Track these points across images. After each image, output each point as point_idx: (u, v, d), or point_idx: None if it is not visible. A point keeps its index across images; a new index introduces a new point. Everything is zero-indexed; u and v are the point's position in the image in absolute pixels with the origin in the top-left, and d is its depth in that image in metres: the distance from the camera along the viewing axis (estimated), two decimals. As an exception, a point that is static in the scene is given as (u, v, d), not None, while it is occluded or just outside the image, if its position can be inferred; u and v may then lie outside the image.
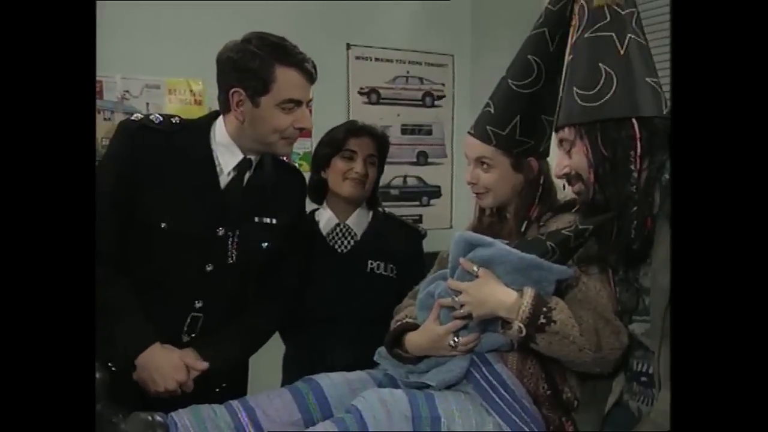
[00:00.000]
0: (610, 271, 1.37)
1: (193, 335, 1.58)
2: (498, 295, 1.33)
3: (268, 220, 1.62)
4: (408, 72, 3.14)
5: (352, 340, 1.71)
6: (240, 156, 1.57)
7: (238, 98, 1.50)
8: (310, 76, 1.53)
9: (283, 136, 1.53)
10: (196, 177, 1.54)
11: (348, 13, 2.93)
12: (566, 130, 1.32)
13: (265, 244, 1.62)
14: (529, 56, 1.49)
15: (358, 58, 3.01)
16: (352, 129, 1.89)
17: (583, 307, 1.33)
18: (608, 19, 1.27)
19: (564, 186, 1.41)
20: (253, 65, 1.47)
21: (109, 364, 1.47)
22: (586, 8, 1.30)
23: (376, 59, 3.06)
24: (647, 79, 1.27)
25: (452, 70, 3.22)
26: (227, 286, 1.59)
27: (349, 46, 2.98)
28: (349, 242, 1.90)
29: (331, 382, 1.46)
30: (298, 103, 1.51)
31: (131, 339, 1.49)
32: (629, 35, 1.27)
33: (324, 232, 1.91)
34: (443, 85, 3.22)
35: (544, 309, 1.29)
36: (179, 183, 1.51)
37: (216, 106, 1.62)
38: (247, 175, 1.59)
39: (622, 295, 1.35)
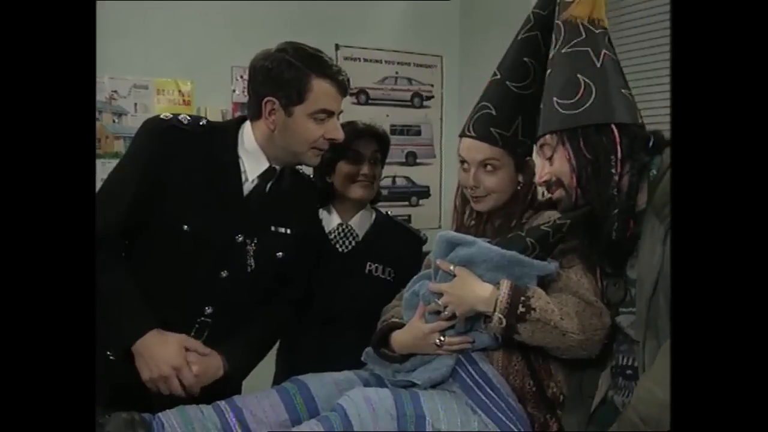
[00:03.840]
0: (598, 267, 1.39)
1: (199, 341, 1.55)
2: (475, 291, 1.34)
3: (283, 230, 1.62)
4: (397, 73, 3.14)
5: (347, 340, 1.70)
6: (266, 164, 1.55)
7: (271, 107, 1.49)
8: (344, 89, 1.52)
9: (313, 147, 1.52)
10: (221, 182, 1.53)
11: (337, 14, 2.93)
12: (548, 137, 1.36)
13: (280, 254, 1.61)
14: (525, 58, 1.52)
15: (346, 58, 3.01)
16: (356, 131, 1.88)
17: (563, 292, 1.35)
18: (584, 36, 1.34)
19: (543, 193, 1.43)
20: (289, 75, 1.46)
21: (108, 353, 1.47)
22: (562, 27, 1.36)
23: (365, 60, 3.07)
24: (623, 91, 1.33)
25: (441, 70, 3.24)
26: (239, 293, 1.57)
27: (337, 46, 2.98)
28: (350, 242, 1.90)
29: (318, 382, 1.46)
30: (330, 114, 1.51)
31: (128, 325, 1.46)
32: (603, 51, 1.33)
33: (326, 230, 1.90)
34: (432, 85, 3.23)
35: (522, 298, 1.30)
36: (204, 187, 1.50)
37: (203, 105, 1.61)
38: (269, 184, 1.58)
39: (609, 288, 1.37)
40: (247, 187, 1.55)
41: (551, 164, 1.36)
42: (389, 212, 2.07)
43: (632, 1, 2.41)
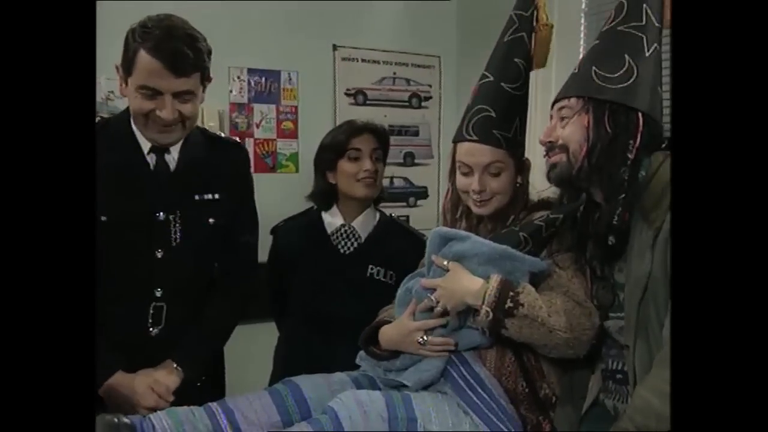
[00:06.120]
0: (588, 269, 1.38)
1: (159, 327, 1.57)
2: (465, 284, 1.35)
3: (210, 197, 1.60)
4: (395, 73, 3.13)
5: (344, 342, 1.69)
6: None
7: (119, 73, 1.53)
8: (174, 68, 1.44)
9: (150, 120, 1.49)
10: (127, 163, 1.53)
11: (334, 14, 2.92)
12: (572, 100, 1.32)
13: (211, 220, 1.60)
14: (515, 59, 1.52)
15: (344, 59, 3.01)
16: (353, 129, 1.88)
17: (553, 291, 1.35)
18: (644, 23, 1.31)
19: (546, 153, 1.39)
20: (126, 44, 1.49)
21: None
22: (626, 5, 1.32)
23: (363, 60, 3.06)
24: (658, 88, 1.31)
25: (439, 71, 3.22)
26: (182, 269, 1.58)
27: (335, 47, 2.98)
28: (352, 244, 1.89)
29: (310, 384, 1.46)
30: (156, 91, 1.46)
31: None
32: (655, 44, 1.30)
33: (328, 231, 1.90)
34: (430, 86, 3.22)
35: (511, 293, 1.30)
36: (111, 173, 1.47)
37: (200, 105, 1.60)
38: (174, 154, 1.57)
39: (598, 292, 1.36)
40: (152, 161, 1.56)
41: (563, 128, 1.32)
42: (393, 214, 2.06)
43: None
